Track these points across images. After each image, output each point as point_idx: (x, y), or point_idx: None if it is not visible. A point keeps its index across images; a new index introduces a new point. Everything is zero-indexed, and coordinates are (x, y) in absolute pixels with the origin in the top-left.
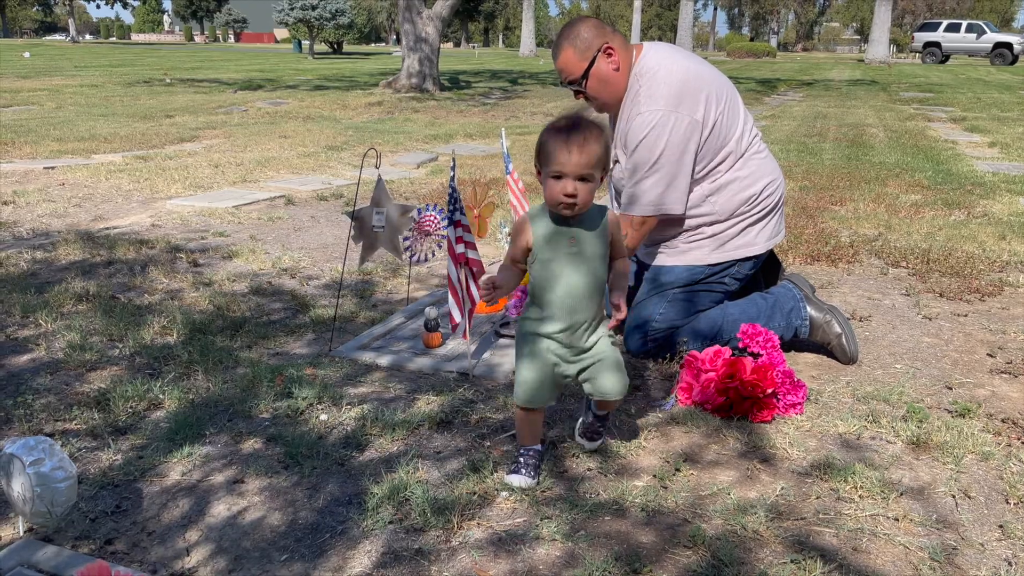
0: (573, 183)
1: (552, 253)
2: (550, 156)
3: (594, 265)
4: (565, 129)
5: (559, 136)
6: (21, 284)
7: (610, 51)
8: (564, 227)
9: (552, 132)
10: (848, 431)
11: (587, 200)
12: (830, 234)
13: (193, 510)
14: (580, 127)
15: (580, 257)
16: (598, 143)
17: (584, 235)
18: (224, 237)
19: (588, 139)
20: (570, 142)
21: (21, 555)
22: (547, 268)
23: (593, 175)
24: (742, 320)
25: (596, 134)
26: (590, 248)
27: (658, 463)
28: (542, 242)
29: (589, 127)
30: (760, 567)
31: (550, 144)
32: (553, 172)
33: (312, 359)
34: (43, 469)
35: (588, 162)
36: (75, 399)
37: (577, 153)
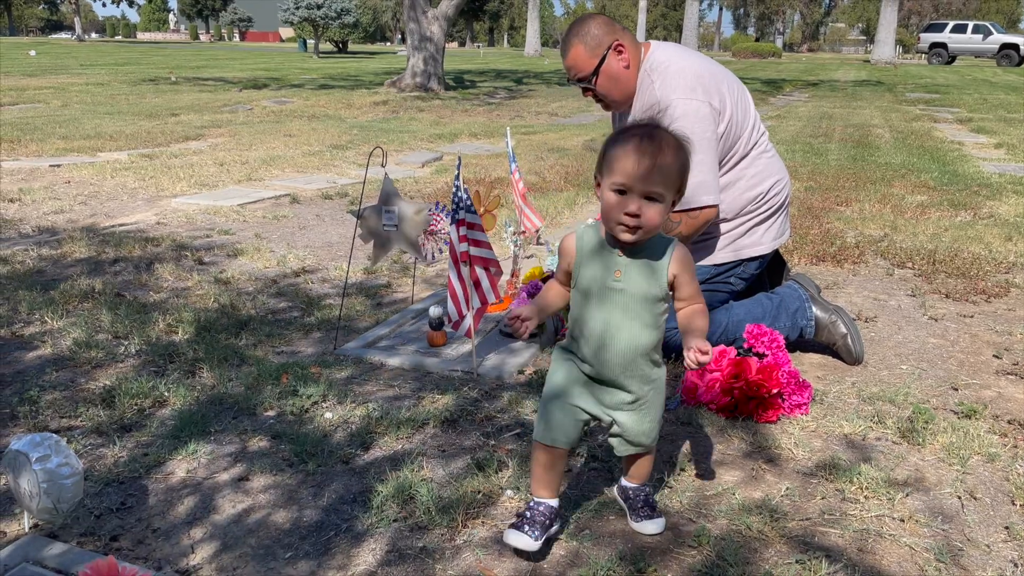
0: (638, 201)
1: (592, 282)
2: (614, 164)
3: (639, 310)
4: (638, 135)
5: (629, 141)
6: (27, 281)
7: (620, 48)
8: (614, 253)
9: (622, 137)
10: (853, 432)
11: (653, 225)
12: (836, 234)
13: (198, 507)
14: (657, 136)
15: (624, 296)
16: (676, 158)
17: (635, 269)
18: (229, 235)
19: (664, 150)
20: (642, 150)
21: (27, 551)
22: (584, 300)
23: (664, 195)
24: (747, 320)
25: (674, 147)
26: (638, 286)
27: (664, 463)
28: (584, 265)
29: (667, 138)
30: (765, 567)
31: (616, 150)
32: (615, 184)
33: (318, 357)
34: (49, 465)
35: (661, 177)
36: (81, 396)
37: (649, 164)
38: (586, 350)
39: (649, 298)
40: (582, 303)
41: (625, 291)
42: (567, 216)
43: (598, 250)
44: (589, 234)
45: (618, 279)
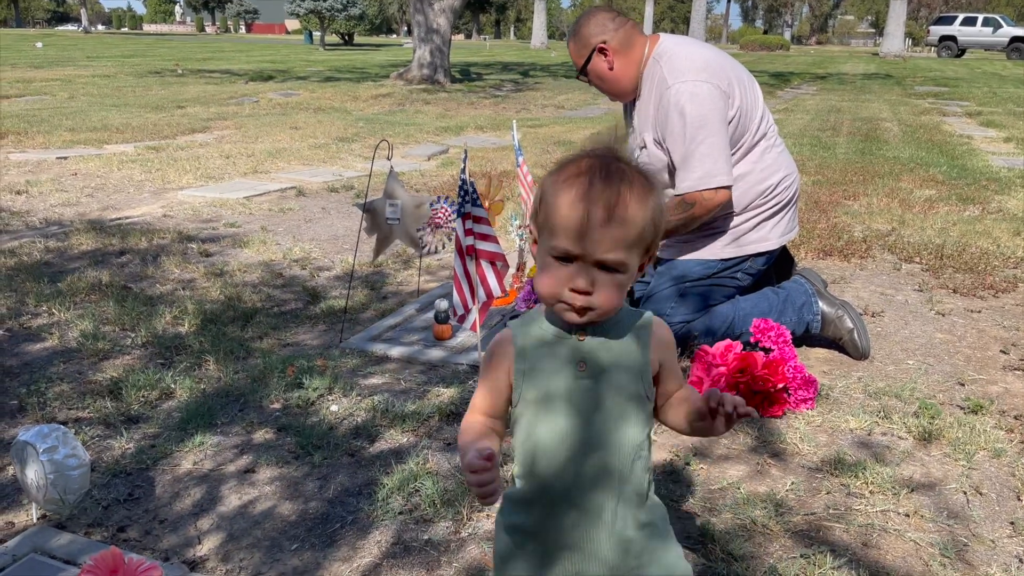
0: (588, 273)
1: (547, 388)
2: (553, 217)
3: (622, 407)
4: (588, 175)
5: (575, 185)
6: (35, 273)
7: (604, 50)
8: (570, 340)
9: (565, 174)
10: (859, 427)
11: (611, 307)
12: (843, 229)
13: (205, 499)
14: (614, 176)
15: (597, 393)
16: (642, 206)
17: (605, 354)
18: (235, 228)
19: (625, 196)
20: (593, 198)
21: (34, 541)
22: (537, 416)
23: (626, 263)
24: (754, 315)
25: (640, 190)
26: (616, 380)
27: (668, 457)
28: (532, 371)
29: (629, 178)
30: (770, 561)
31: (557, 195)
32: (556, 250)
33: (323, 350)
34: (57, 457)
35: (623, 237)
36: (88, 388)
37: (603, 218)
38: (545, 486)
39: (634, 395)
40: (534, 422)
41: (595, 391)
42: None
43: (548, 342)
44: (528, 328)
45: (583, 373)
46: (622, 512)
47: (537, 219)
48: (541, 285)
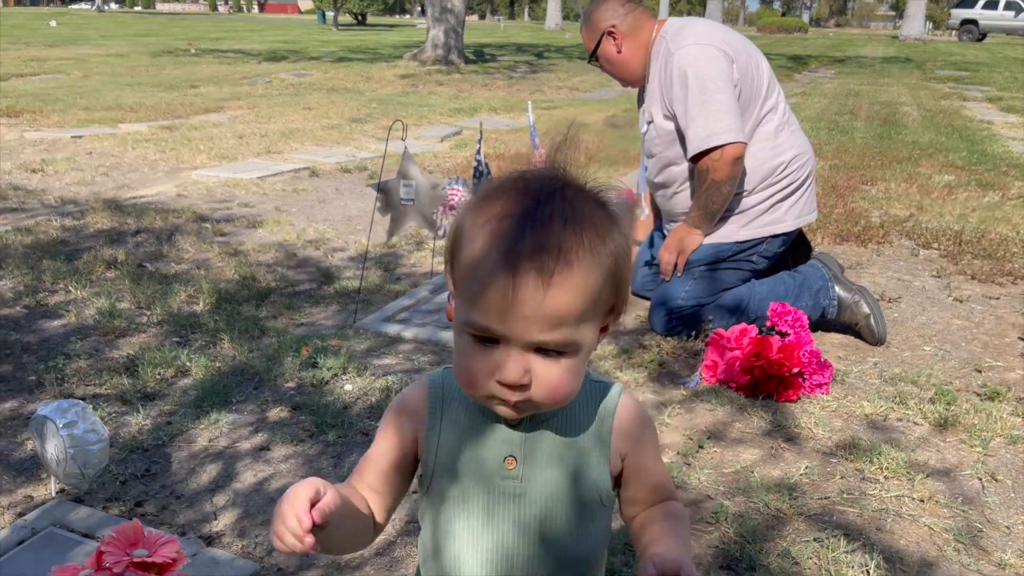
0: (522, 360)
1: (462, 482)
2: (470, 275)
3: (560, 529)
4: (519, 213)
5: (502, 227)
6: (51, 251)
7: (613, 35)
8: (500, 427)
9: (487, 212)
10: (874, 412)
11: (562, 395)
12: (860, 214)
13: (220, 475)
14: (558, 212)
15: (526, 506)
16: (597, 254)
17: (544, 452)
18: (249, 208)
19: (573, 247)
20: (523, 252)
21: (53, 515)
22: (448, 516)
23: (576, 341)
24: (769, 299)
25: (596, 228)
26: (552, 487)
27: (682, 440)
28: (446, 448)
29: (579, 212)
30: (783, 544)
31: (476, 241)
32: (473, 323)
33: (337, 330)
34: (76, 432)
35: (568, 309)
36: (105, 365)
37: (539, 285)
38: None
39: (575, 506)
40: (443, 521)
41: (527, 496)
42: None
43: (472, 420)
44: (449, 391)
45: (512, 472)
46: None
47: (451, 271)
48: (458, 373)
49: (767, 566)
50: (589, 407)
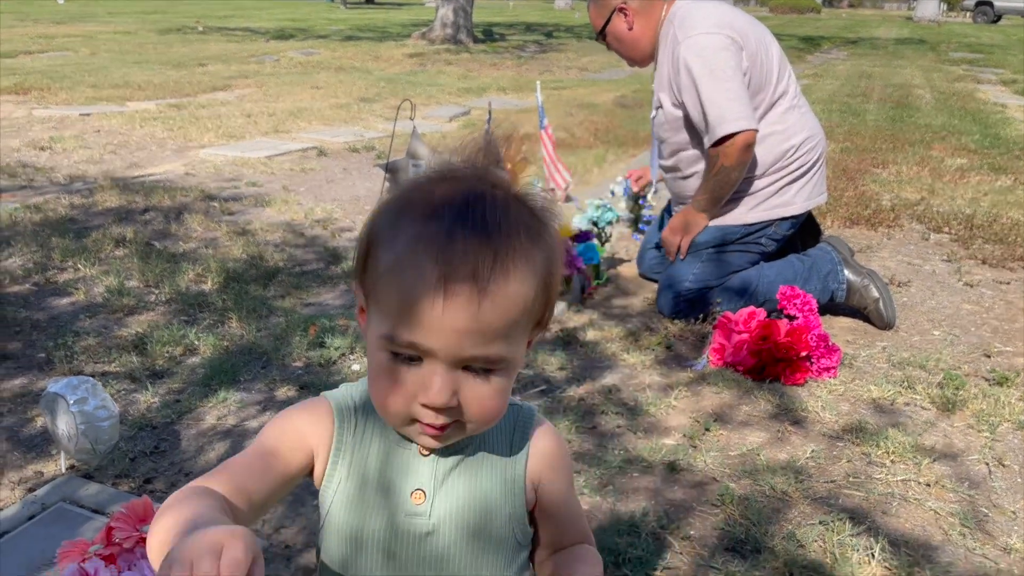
0: (450, 377)
1: (364, 517)
2: (388, 287)
3: (474, 567)
4: (444, 216)
5: (426, 234)
6: (60, 229)
7: (624, 11)
8: (410, 450)
9: (408, 214)
10: (882, 396)
11: (491, 415)
12: (871, 197)
13: (229, 453)
14: (487, 216)
15: (436, 543)
16: (530, 262)
17: (458, 485)
18: (257, 187)
19: (506, 256)
20: (452, 262)
21: (63, 491)
22: (351, 551)
23: (506, 357)
24: (778, 282)
25: (527, 234)
26: (468, 521)
27: (688, 422)
28: (348, 483)
29: (509, 216)
30: (788, 527)
31: (395, 248)
32: (395, 338)
33: (344, 310)
34: (86, 408)
35: (501, 321)
36: (114, 343)
37: (470, 297)
38: None
39: (489, 544)
40: (341, 558)
41: (437, 533)
42: (596, 174)
43: (381, 444)
44: (354, 410)
45: (419, 507)
46: None
47: (362, 279)
48: (375, 394)
49: (772, 548)
50: (504, 432)
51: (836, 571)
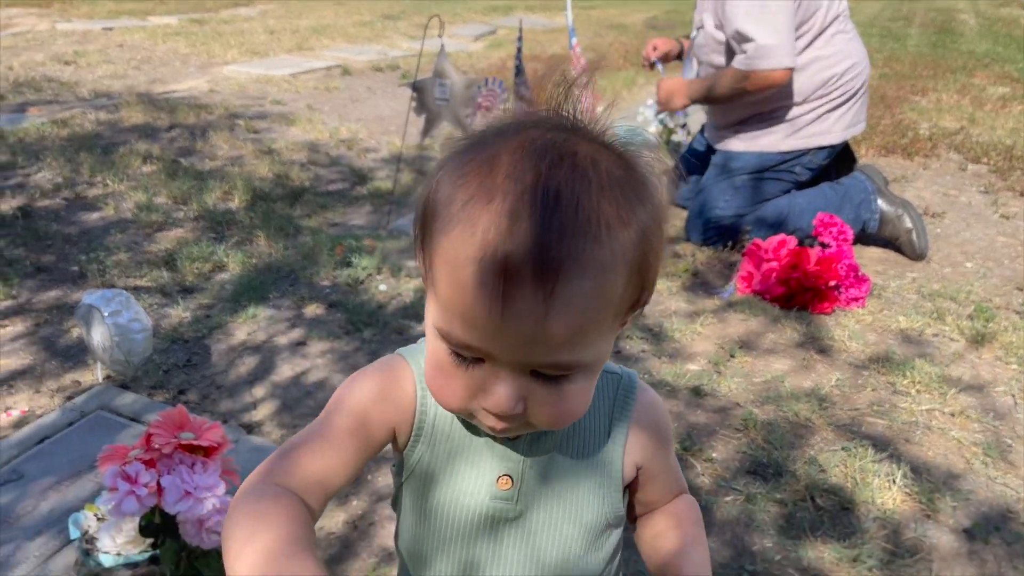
0: (516, 384)
1: (446, 501)
2: (443, 270)
3: (563, 554)
4: (518, 187)
5: (492, 209)
6: (87, 144)
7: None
8: (493, 440)
9: (474, 181)
10: (910, 327)
11: (569, 416)
12: (908, 126)
13: (259, 368)
14: (573, 187)
15: (523, 530)
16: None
17: (543, 471)
18: (281, 105)
19: (589, 238)
20: (521, 249)
21: (101, 399)
22: (424, 538)
23: (583, 362)
24: (810, 211)
25: (620, 204)
26: (559, 508)
27: (713, 348)
28: (430, 461)
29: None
30: (810, 452)
31: (456, 222)
32: (449, 334)
33: (371, 231)
34: (121, 320)
35: (580, 325)
36: (145, 258)
37: (538, 297)
38: None
39: (581, 529)
40: (420, 541)
41: (523, 521)
42: (625, 96)
43: (464, 424)
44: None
45: (506, 492)
46: None
47: (423, 246)
48: (432, 386)
49: (794, 472)
50: (602, 409)
51: (857, 496)
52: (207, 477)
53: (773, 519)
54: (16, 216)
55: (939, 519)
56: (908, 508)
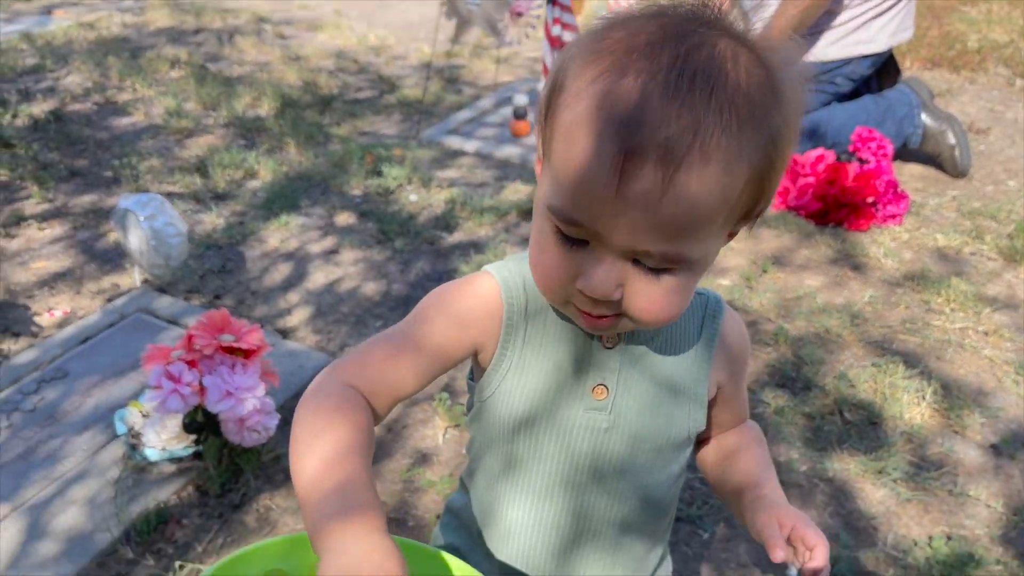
0: (615, 267)
1: (537, 411)
2: (562, 146)
3: (649, 466)
4: (649, 69)
5: (622, 87)
6: (115, 48)
7: None
8: (592, 342)
9: (602, 63)
10: (948, 245)
11: (665, 315)
12: (956, 37)
13: (292, 275)
14: (698, 82)
15: (615, 440)
16: (742, 144)
17: (643, 381)
18: (308, 10)
19: (718, 127)
20: (639, 135)
21: (139, 302)
22: (510, 450)
23: (692, 258)
24: (850, 125)
25: (754, 104)
26: (652, 419)
27: (746, 263)
28: (520, 375)
29: (734, 84)
30: (840, 368)
31: (580, 99)
32: (558, 209)
33: (400, 140)
34: (157, 224)
35: (693, 216)
36: (176, 164)
37: (657, 178)
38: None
39: (666, 443)
40: (505, 454)
41: (614, 431)
42: None
43: (558, 333)
44: (525, 296)
45: (601, 403)
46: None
47: (545, 122)
48: (533, 265)
49: (822, 386)
50: (692, 326)
51: (885, 411)
52: (247, 378)
53: (800, 431)
54: (49, 120)
55: (966, 435)
56: (936, 424)
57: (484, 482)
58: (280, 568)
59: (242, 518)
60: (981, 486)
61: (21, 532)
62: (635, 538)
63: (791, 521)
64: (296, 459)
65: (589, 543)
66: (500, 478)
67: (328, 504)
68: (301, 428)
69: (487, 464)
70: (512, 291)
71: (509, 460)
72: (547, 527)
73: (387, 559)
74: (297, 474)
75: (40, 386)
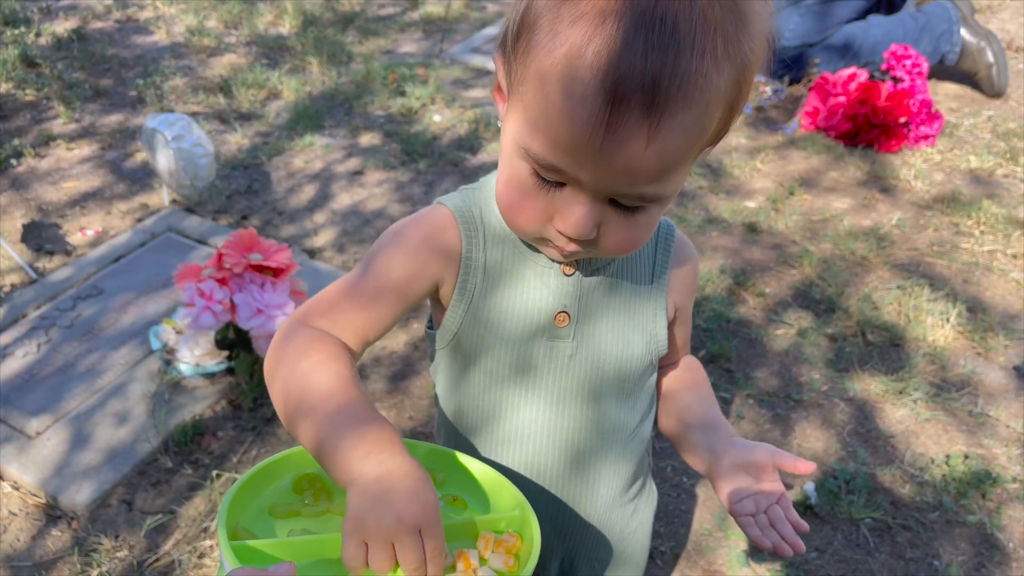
0: (593, 208)
1: (500, 342)
2: (539, 89)
3: (615, 393)
4: (632, 14)
5: (607, 29)
6: None
7: None
8: (552, 269)
9: (594, 3)
10: (980, 167)
11: (632, 246)
12: None
13: (318, 195)
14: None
15: (574, 367)
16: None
17: (604, 304)
18: None
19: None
20: (627, 81)
21: (168, 222)
22: (477, 382)
23: (667, 195)
24: (885, 42)
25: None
26: (614, 345)
27: (772, 186)
28: (481, 306)
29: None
30: (865, 290)
31: (562, 42)
32: (538, 155)
33: (424, 59)
34: (184, 145)
35: (672, 155)
36: (200, 83)
37: (642, 124)
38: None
39: (630, 366)
40: (472, 387)
41: (578, 356)
42: None
43: (517, 262)
44: (483, 222)
45: (563, 330)
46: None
47: (511, 58)
48: (505, 206)
49: (846, 308)
50: (647, 251)
51: (908, 333)
52: (277, 296)
53: (822, 352)
54: (72, 39)
55: (990, 356)
56: (959, 346)
57: (452, 436)
58: (311, 472)
59: (275, 431)
60: (1002, 407)
61: (64, 442)
62: (608, 466)
63: (770, 452)
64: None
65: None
66: (474, 430)
67: (344, 418)
68: (279, 367)
69: (459, 412)
70: (468, 222)
71: (479, 405)
72: (553, 473)
73: (420, 487)
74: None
75: (76, 303)
